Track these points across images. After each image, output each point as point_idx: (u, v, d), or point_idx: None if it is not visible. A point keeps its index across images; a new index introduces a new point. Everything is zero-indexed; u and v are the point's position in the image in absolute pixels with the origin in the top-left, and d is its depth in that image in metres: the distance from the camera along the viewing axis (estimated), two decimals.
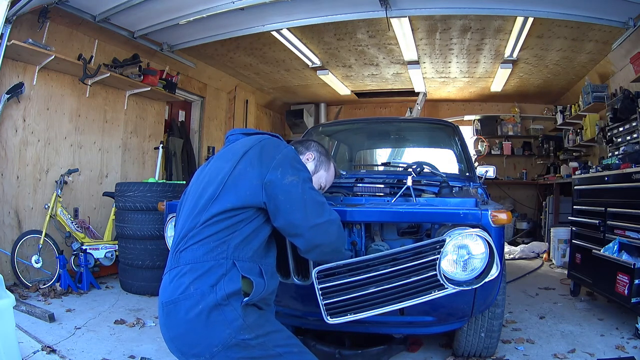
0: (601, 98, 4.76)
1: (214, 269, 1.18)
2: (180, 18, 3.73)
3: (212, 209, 1.23)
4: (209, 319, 1.15)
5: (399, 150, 3.89)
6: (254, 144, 1.35)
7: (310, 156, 1.63)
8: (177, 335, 1.20)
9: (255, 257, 1.26)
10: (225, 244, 1.21)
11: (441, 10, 3.67)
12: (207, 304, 1.15)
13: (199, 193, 1.30)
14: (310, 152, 1.64)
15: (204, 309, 1.15)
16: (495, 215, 1.57)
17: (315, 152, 1.65)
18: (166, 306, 1.20)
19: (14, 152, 3.47)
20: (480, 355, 2.11)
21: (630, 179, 2.73)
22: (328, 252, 1.37)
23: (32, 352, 2.16)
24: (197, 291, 1.16)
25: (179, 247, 1.25)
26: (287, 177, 1.27)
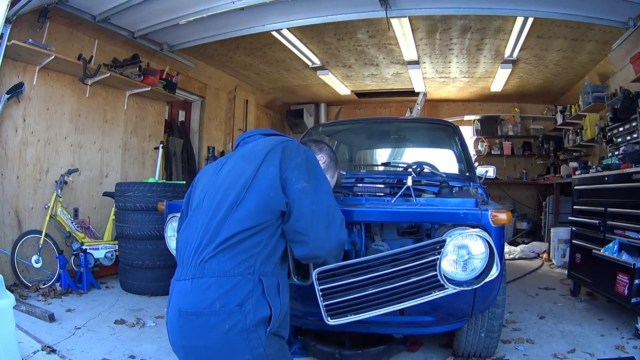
0: (601, 98, 4.76)
1: (240, 285, 1.15)
2: (180, 18, 3.73)
3: (237, 214, 1.19)
4: (232, 341, 1.14)
5: (399, 150, 3.89)
6: (276, 144, 1.32)
7: (322, 159, 1.64)
8: (193, 347, 1.16)
9: (276, 270, 1.25)
10: (253, 258, 1.19)
11: (441, 10, 3.67)
12: (234, 325, 1.13)
13: (220, 196, 1.24)
14: (322, 154, 1.66)
15: (230, 330, 1.13)
16: (495, 215, 1.57)
17: (327, 157, 1.67)
18: (186, 316, 1.16)
19: (14, 152, 3.47)
20: (480, 355, 2.11)
21: (630, 179, 2.73)
22: (319, 262, 1.40)
23: (32, 352, 2.16)
24: (224, 309, 1.13)
25: (204, 256, 1.18)
26: (301, 182, 1.25)
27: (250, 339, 1.15)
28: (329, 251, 1.30)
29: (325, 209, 1.28)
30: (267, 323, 1.18)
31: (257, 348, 1.16)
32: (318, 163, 1.37)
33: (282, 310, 1.23)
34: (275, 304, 1.20)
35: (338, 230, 1.30)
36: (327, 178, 1.53)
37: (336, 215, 1.31)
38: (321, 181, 1.32)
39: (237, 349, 1.15)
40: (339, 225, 1.31)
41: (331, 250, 1.30)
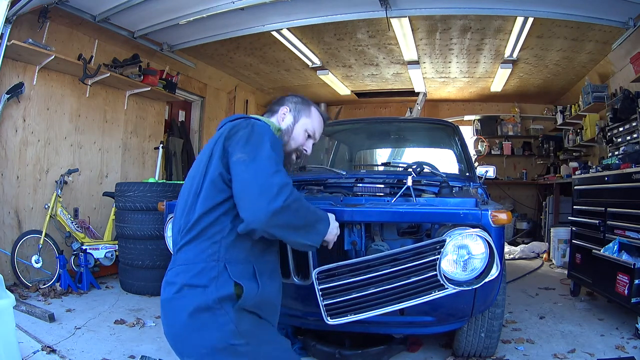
0: (601, 98, 4.76)
1: (205, 271, 1.17)
2: (180, 18, 3.73)
3: (199, 205, 1.21)
4: (200, 321, 1.15)
5: (399, 150, 3.89)
6: (227, 127, 1.30)
7: (285, 109, 1.50)
8: (173, 333, 1.21)
9: (250, 257, 1.22)
10: (217, 244, 1.19)
11: (441, 10, 3.66)
12: (198, 305, 1.15)
13: (188, 189, 1.29)
14: (284, 106, 1.51)
15: (196, 310, 1.15)
16: (495, 215, 1.57)
17: (290, 104, 1.52)
18: (163, 303, 1.22)
19: (14, 152, 3.47)
20: (480, 355, 2.11)
21: (630, 179, 2.73)
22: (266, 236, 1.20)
23: (32, 352, 2.17)
24: (190, 291, 1.16)
25: (177, 248, 1.25)
26: (238, 153, 1.20)
27: (217, 315, 1.14)
28: (262, 223, 1.12)
29: (258, 176, 1.16)
30: (234, 299, 1.16)
31: (226, 324, 1.14)
32: (264, 131, 1.26)
33: (260, 293, 1.20)
34: (249, 285, 1.18)
35: (272, 198, 1.12)
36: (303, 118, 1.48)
37: (272, 181, 1.14)
38: (259, 148, 1.20)
39: (206, 329, 1.15)
40: (274, 193, 1.12)
41: (264, 222, 1.12)
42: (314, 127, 1.52)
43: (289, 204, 1.13)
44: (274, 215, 1.11)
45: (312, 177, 2.43)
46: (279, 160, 1.21)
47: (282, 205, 1.11)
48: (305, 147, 1.51)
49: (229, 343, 1.14)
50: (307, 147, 1.52)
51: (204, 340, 1.15)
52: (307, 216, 1.22)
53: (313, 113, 1.53)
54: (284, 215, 1.13)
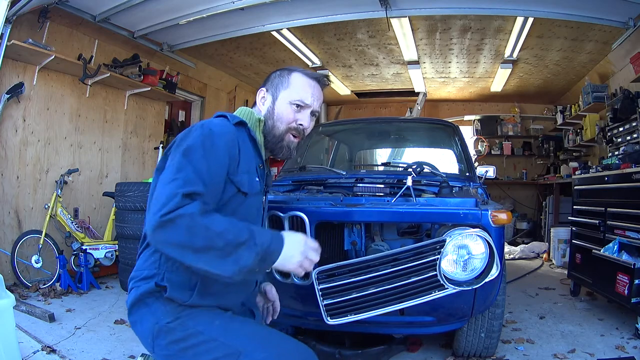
0: (601, 98, 4.76)
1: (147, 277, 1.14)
2: (180, 18, 3.73)
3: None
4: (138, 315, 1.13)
5: (399, 150, 3.89)
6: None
7: (262, 92, 1.31)
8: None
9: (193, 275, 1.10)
10: (158, 253, 1.13)
11: (441, 10, 3.66)
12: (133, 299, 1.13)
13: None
14: (261, 88, 1.32)
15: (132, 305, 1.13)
16: (495, 215, 1.58)
17: (267, 83, 1.31)
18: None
19: (14, 152, 3.47)
20: (480, 355, 2.11)
21: (630, 179, 2.73)
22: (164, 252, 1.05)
23: (32, 352, 2.17)
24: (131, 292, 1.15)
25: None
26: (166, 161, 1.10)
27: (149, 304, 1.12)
28: (149, 238, 0.98)
29: (158, 186, 1.02)
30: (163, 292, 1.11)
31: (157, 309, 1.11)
32: (192, 134, 1.09)
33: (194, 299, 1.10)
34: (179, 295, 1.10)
35: (157, 210, 0.95)
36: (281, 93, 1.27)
37: (163, 190, 0.98)
38: (175, 154, 1.07)
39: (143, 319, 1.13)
40: (160, 204, 0.95)
41: (150, 238, 0.98)
42: (300, 95, 1.26)
43: (173, 218, 0.93)
44: (155, 230, 0.94)
45: (312, 177, 2.44)
46: (188, 166, 1.01)
47: (160, 219, 0.93)
48: (299, 121, 1.27)
49: (162, 324, 1.09)
50: (302, 120, 1.27)
51: (146, 329, 1.12)
52: (213, 237, 0.96)
53: (294, 79, 1.28)
54: (168, 232, 0.94)
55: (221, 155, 1.09)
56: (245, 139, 1.20)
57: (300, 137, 1.30)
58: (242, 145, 1.16)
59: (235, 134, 1.15)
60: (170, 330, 1.09)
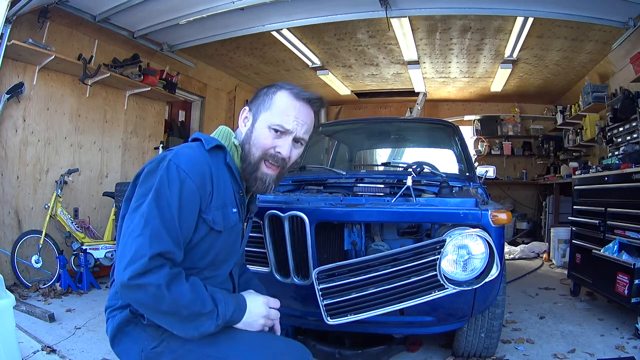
0: (601, 98, 4.76)
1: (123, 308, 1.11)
2: (180, 18, 3.73)
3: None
4: (121, 345, 1.10)
5: (399, 150, 3.89)
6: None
7: (245, 111, 1.19)
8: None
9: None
10: None
11: (441, 10, 3.66)
12: (113, 329, 1.10)
13: None
14: (245, 107, 1.21)
15: (113, 337, 1.10)
16: (495, 215, 1.58)
17: (253, 100, 1.19)
18: None
19: (14, 152, 3.47)
20: (480, 355, 2.11)
21: (630, 179, 2.73)
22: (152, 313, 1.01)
23: (32, 352, 2.17)
24: (109, 323, 1.13)
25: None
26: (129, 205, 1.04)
27: (129, 333, 1.09)
28: (119, 290, 0.97)
29: (124, 235, 0.98)
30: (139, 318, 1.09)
31: (139, 335, 1.08)
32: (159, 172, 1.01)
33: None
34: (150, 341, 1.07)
35: (123, 267, 0.93)
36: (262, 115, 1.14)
37: (130, 246, 0.94)
38: (144, 196, 0.99)
39: (127, 349, 1.10)
40: (125, 262, 0.93)
41: (119, 290, 0.96)
42: (280, 118, 1.12)
43: (140, 284, 0.92)
44: (123, 289, 0.94)
45: (312, 177, 2.44)
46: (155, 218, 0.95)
47: (128, 282, 0.91)
48: (277, 148, 1.13)
49: (148, 349, 1.06)
50: (280, 148, 1.13)
51: (133, 358, 1.09)
52: (179, 307, 0.96)
53: (277, 99, 1.13)
54: (136, 294, 0.94)
55: (191, 199, 1.01)
56: (220, 167, 1.10)
57: (280, 169, 1.15)
58: (216, 175, 1.07)
59: (208, 165, 1.06)
60: (158, 354, 1.06)
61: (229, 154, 1.13)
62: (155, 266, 0.93)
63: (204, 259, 1.08)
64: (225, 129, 1.19)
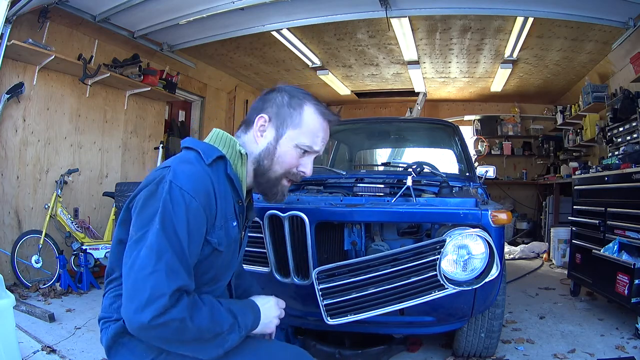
0: (601, 98, 4.76)
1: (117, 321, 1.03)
2: (180, 18, 3.73)
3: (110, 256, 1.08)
4: (117, 354, 1.03)
5: (399, 150, 3.89)
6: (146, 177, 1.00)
7: (264, 120, 1.07)
8: None
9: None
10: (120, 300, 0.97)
11: (441, 10, 3.67)
12: (108, 339, 1.03)
13: None
14: (262, 113, 1.08)
15: (108, 347, 1.03)
16: (495, 215, 1.58)
17: (272, 107, 1.08)
18: None
19: (14, 152, 3.47)
20: (480, 355, 2.11)
21: (630, 179, 2.73)
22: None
23: (32, 352, 2.17)
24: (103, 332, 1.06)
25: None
26: (132, 225, 0.95)
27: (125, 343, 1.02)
28: (134, 332, 0.89)
29: (133, 270, 0.88)
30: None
31: (135, 347, 1.01)
32: (163, 195, 0.91)
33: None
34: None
35: (140, 307, 0.85)
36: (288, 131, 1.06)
37: (144, 284, 0.86)
38: (149, 224, 0.90)
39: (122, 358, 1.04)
40: (142, 303, 0.84)
41: (135, 333, 0.88)
42: (311, 139, 1.07)
43: (162, 323, 0.85)
44: (141, 329, 0.86)
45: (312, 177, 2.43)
46: (167, 250, 0.88)
47: (149, 322, 0.84)
48: (301, 167, 1.10)
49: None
50: (304, 167, 1.10)
51: None
52: (202, 333, 0.92)
53: (307, 117, 1.07)
54: (156, 332, 0.87)
55: (199, 223, 0.94)
56: (221, 179, 1.02)
57: (295, 182, 1.13)
58: (218, 190, 0.99)
59: (210, 181, 0.98)
60: None
61: (230, 164, 1.05)
62: (174, 302, 0.87)
63: (204, 277, 1.03)
64: (222, 133, 1.10)
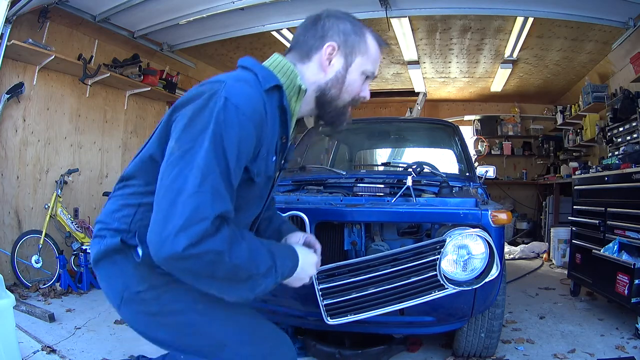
0: (601, 98, 4.76)
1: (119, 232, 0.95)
2: (180, 18, 3.73)
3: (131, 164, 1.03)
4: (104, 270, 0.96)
5: (399, 150, 3.89)
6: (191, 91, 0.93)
7: (332, 48, 1.02)
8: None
9: None
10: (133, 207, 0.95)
11: (441, 10, 3.67)
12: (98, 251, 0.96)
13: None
14: (327, 41, 1.02)
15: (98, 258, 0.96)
16: (495, 215, 1.58)
17: (339, 36, 1.02)
18: None
19: (14, 152, 3.47)
20: (480, 355, 2.11)
21: (630, 179, 2.73)
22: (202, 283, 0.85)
23: (32, 352, 2.17)
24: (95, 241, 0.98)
25: None
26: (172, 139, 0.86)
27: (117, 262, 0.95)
28: (159, 261, 0.78)
29: (171, 189, 0.79)
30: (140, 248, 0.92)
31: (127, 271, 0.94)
32: (217, 111, 0.82)
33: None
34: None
35: (173, 233, 0.75)
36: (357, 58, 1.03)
37: (183, 207, 0.76)
38: (196, 140, 0.81)
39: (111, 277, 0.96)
40: (177, 227, 0.75)
41: (160, 262, 0.78)
42: (374, 65, 1.07)
43: (197, 254, 0.76)
44: (170, 259, 0.77)
45: (312, 177, 2.44)
46: (214, 170, 0.80)
47: (183, 251, 0.75)
48: (362, 94, 1.08)
49: (133, 291, 0.93)
50: (364, 92, 1.08)
51: (113, 291, 0.96)
52: (237, 271, 0.83)
53: (370, 44, 1.05)
54: (187, 264, 0.77)
55: (248, 147, 0.87)
56: (273, 109, 0.95)
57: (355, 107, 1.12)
58: (268, 119, 0.92)
59: (264, 107, 0.90)
60: (143, 301, 0.93)
61: (285, 95, 0.98)
62: (214, 231, 0.77)
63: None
64: (283, 61, 1.04)
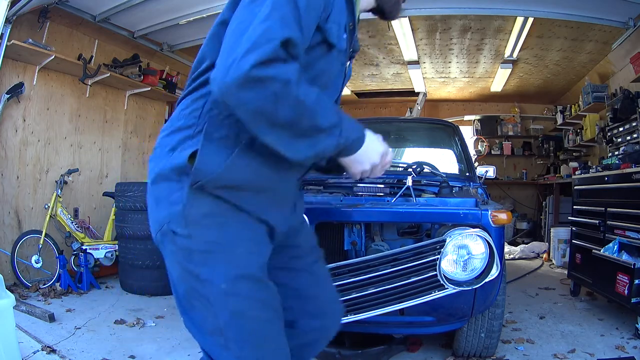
0: (601, 98, 4.76)
1: (180, 130, 0.90)
2: (180, 18, 3.73)
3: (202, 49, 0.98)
4: (157, 194, 0.91)
5: (399, 150, 3.88)
6: None
7: None
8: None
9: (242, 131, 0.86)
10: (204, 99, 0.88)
11: (441, 10, 3.67)
12: (158, 172, 0.90)
13: None
14: None
15: (155, 179, 0.91)
16: (495, 215, 1.58)
17: None
18: None
19: (14, 152, 3.47)
20: (480, 355, 2.11)
21: (630, 179, 2.73)
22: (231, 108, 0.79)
23: (32, 352, 2.17)
24: (155, 156, 0.93)
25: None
26: None
27: (172, 189, 0.88)
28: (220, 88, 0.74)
29: (244, 20, 0.77)
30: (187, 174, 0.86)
31: (175, 204, 0.87)
32: None
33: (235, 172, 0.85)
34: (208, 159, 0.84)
35: (242, 53, 0.72)
36: None
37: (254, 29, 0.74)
38: None
39: (160, 203, 0.90)
40: (247, 47, 0.72)
41: (221, 88, 0.74)
42: None
43: (264, 77, 0.72)
44: (234, 84, 0.72)
45: (312, 176, 2.44)
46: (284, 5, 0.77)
47: (250, 71, 0.71)
48: None
49: (169, 228, 0.88)
50: None
51: (156, 219, 0.91)
52: (301, 114, 0.77)
53: None
54: (250, 93, 0.73)
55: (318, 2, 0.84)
56: None
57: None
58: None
59: None
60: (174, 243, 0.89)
61: None
62: (283, 58, 0.74)
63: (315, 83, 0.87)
64: None
